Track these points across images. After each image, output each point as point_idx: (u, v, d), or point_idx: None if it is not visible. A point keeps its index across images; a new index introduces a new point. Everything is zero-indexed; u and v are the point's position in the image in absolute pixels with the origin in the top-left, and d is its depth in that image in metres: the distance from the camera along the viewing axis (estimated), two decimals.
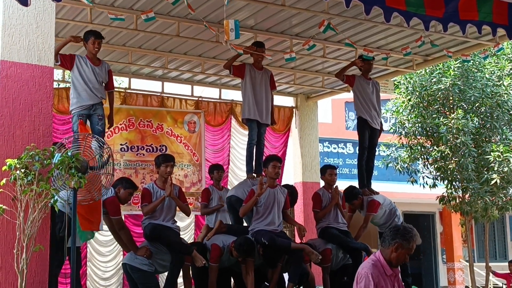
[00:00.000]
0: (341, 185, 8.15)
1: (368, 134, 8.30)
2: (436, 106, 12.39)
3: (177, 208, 6.85)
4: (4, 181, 5.05)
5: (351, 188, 7.97)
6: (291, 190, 7.61)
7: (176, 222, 6.87)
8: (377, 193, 8.19)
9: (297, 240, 8.52)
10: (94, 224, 5.90)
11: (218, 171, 8.21)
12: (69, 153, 5.19)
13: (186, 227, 10.55)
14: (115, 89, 10.08)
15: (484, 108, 12.22)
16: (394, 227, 4.25)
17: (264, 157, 7.81)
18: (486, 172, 11.92)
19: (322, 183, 7.93)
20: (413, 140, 12.69)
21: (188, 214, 7.23)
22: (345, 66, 8.59)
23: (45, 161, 5.09)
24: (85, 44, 6.83)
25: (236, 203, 7.27)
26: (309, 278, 7.37)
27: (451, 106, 12.30)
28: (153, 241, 6.60)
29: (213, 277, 6.76)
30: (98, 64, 6.81)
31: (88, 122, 6.76)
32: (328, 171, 7.74)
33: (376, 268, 4.07)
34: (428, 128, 12.36)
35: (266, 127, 8.11)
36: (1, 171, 5.13)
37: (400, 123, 12.82)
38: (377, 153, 8.86)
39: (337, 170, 7.93)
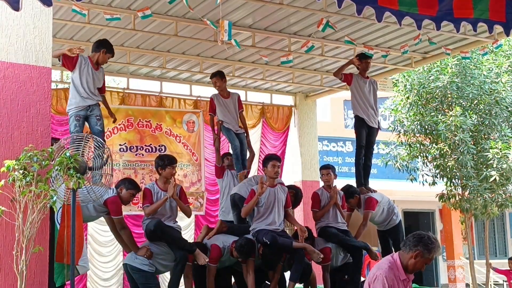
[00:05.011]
0: (340, 183, 8.14)
1: (365, 133, 8.28)
2: (435, 104, 12.40)
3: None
4: (2, 182, 5.03)
5: (347, 186, 7.96)
6: (295, 192, 7.59)
7: (177, 222, 6.85)
8: (375, 191, 8.18)
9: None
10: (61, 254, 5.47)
11: (227, 157, 8.08)
12: (68, 154, 5.18)
13: (186, 226, 10.54)
14: (114, 90, 10.14)
15: (482, 105, 12.23)
16: (419, 234, 4.14)
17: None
18: (485, 169, 11.93)
19: (321, 183, 7.92)
20: (412, 138, 12.71)
21: (189, 216, 7.19)
22: (342, 65, 8.58)
23: (43, 162, 5.07)
24: (97, 51, 6.77)
25: (240, 201, 7.25)
26: (311, 275, 7.37)
27: (449, 103, 12.31)
28: (155, 239, 6.56)
29: (211, 277, 6.73)
30: (97, 69, 6.82)
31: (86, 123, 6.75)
32: (322, 171, 7.74)
33: (392, 271, 4.03)
34: (426, 126, 12.37)
35: (244, 135, 8.18)
36: None
37: (398, 121, 12.83)
38: (376, 151, 8.87)
39: (335, 169, 7.86)
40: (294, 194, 7.48)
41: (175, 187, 6.63)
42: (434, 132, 12.28)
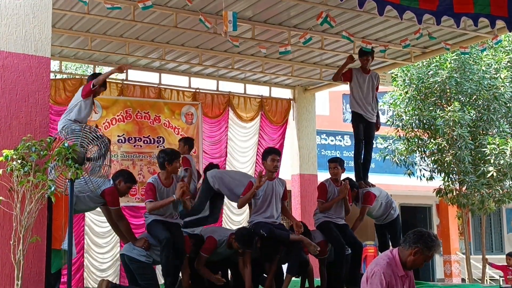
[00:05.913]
0: None
1: (363, 127, 8.27)
2: (433, 99, 12.42)
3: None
4: (0, 172, 5.03)
5: (347, 179, 7.94)
6: None
7: (179, 216, 6.82)
8: (373, 185, 8.18)
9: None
10: (57, 241, 5.83)
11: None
12: (66, 144, 5.17)
13: None
14: (112, 81, 10.12)
15: (481, 100, 12.26)
16: (419, 231, 4.13)
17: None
18: (482, 165, 11.96)
19: (320, 175, 7.90)
20: (410, 132, 12.73)
21: (187, 208, 7.18)
22: (339, 68, 8.53)
23: (41, 152, 5.07)
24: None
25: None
26: (308, 268, 7.38)
27: (448, 98, 12.32)
28: None
29: (201, 265, 6.72)
30: (93, 102, 6.96)
31: None
32: (329, 164, 7.62)
33: (390, 267, 4.03)
34: (425, 121, 12.39)
35: None
36: None
37: (397, 116, 12.85)
38: (374, 145, 8.85)
39: (343, 162, 7.65)
40: None
41: (183, 191, 6.41)
42: (432, 127, 12.30)
